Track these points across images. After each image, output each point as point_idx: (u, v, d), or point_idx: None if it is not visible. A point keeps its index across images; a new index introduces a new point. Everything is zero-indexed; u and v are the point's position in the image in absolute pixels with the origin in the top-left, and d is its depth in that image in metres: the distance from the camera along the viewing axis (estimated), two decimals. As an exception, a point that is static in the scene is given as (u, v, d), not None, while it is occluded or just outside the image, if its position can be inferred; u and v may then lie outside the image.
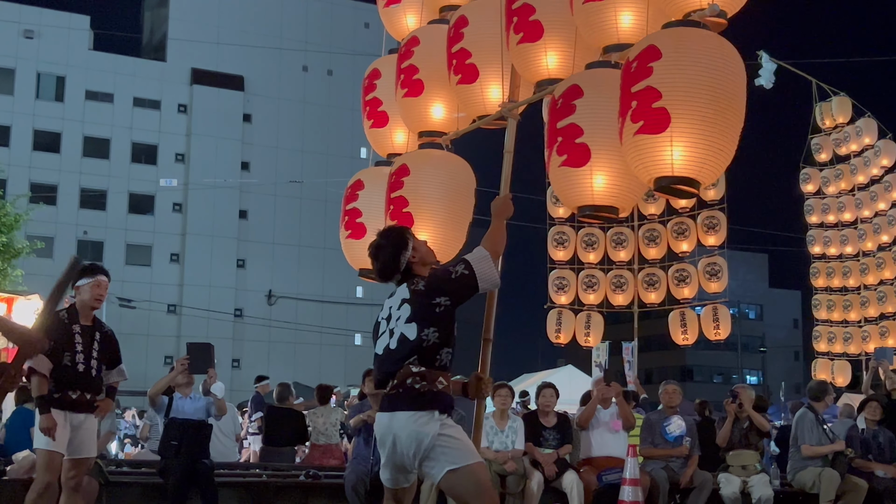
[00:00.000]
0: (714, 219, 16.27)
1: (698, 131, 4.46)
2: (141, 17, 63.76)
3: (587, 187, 5.03)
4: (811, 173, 20.32)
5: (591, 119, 4.96)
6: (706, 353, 69.21)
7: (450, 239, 6.05)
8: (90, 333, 6.79)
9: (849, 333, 19.65)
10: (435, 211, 5.99)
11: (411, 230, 5.08)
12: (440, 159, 6.21)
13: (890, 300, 18.96)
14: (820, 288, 20.26)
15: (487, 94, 5.96)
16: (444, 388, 4.56)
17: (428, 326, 4.56)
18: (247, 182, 54.27)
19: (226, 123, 55.76)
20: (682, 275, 16.36)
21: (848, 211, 19.86)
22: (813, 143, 20.31)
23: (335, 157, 57.95)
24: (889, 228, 19.06)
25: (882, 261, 19.15)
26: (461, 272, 4.64)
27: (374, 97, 6.80)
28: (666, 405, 9.86)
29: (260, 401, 15.02)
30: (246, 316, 55.01)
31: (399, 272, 4.84)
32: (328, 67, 59.69)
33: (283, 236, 56.78)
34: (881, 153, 19.09)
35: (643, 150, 4.56)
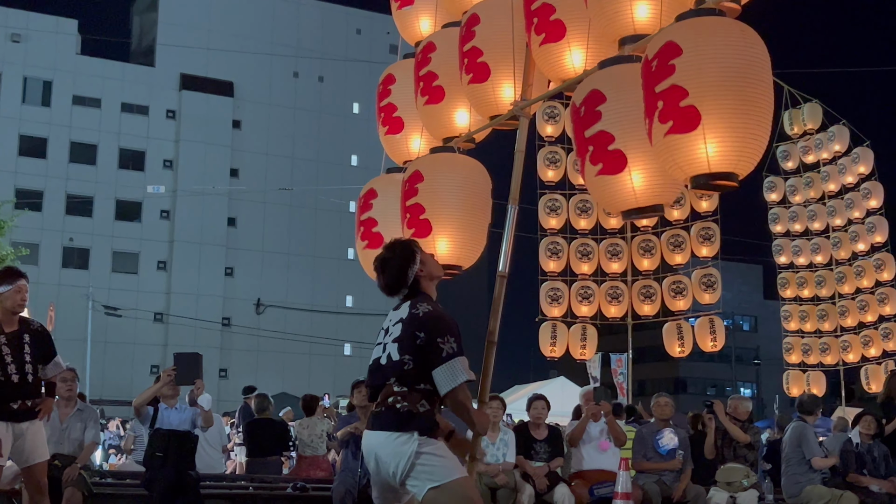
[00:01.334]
0: (709, 230, 16.32)
1: (730, 124, 4.36)
2: (130, 21, 63.78)
3: (628, 191, 4.91)
4: (776, 182, 20.31)
5: (620, 123, 4.86)
6: (700, 365, 69.26)
7: (469, 242, 5.99)
8: (18, 338, 6.69)
9: (825, 344, 19.61)
10: (453, 216, 5.91)
11: (418, 243, 5.02)
12: (453, 162, 6.16)
13: (872, 309, 18.94)
14: (789, 298, 20.22)
15: (500, 94, 5.91)
16: (425, 410, 4.53)
17: (406, 354, 4.54)
18: (236, 189, 54.25)
19: (215, 129, 55.72)
20: (678, 286, 16.38)
21: (818, 220, 19.85)
22: (779, 150, 20.27)
23: (326, 165, 57.95)
24: (868, 236, 19.07)
25: (862, 269, 19.14)
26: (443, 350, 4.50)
27: (389, 103, 6.78)
28: (658, 418, 9.84)
29: (248, 412, 14.98)
30: (234, 325, 54.91)
31: (406, 286, 4.80)
32: (319, 74, 59.72)
33: (272, 244, 56.71)
34: (859, 160, 19.15)
35: (676, 150, 4.47)
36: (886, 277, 18.91)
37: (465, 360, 4.53)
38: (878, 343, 18.81)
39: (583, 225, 16.48)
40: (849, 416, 13.77)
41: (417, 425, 4.47)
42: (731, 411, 10.02)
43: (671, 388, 64.84)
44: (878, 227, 19.03)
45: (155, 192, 49.55)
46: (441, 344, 4.48)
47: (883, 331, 18.66)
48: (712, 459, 9.76)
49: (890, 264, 18.88)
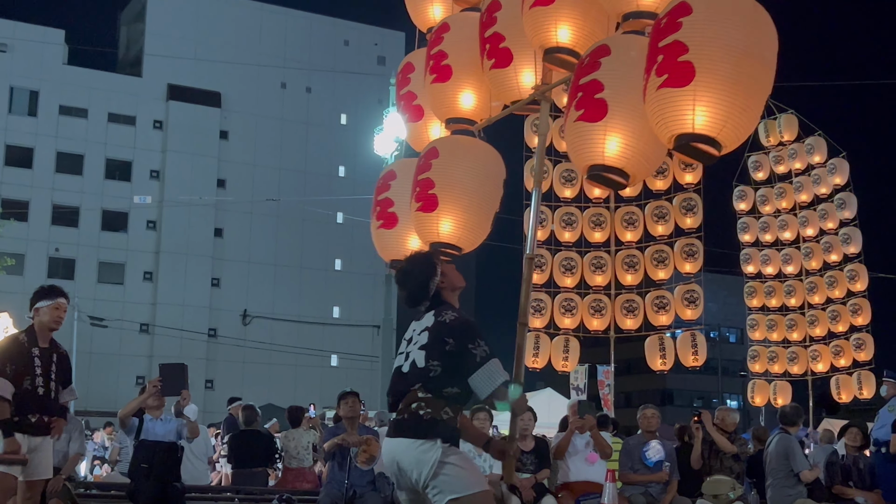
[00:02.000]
0: (693, 246, 16.41)
1: (722, 89, 4.39)
2: (117, 31, 63.74)
3: (599, 145, 4.92)
4: (746, 191, 20.39)
5: (613, 76, 4.91)
6: (686, 377, 69.28)
7: (474, 225, 5.98)
8: (48, 355, 6.78)
9: (794, 353, 19.65)
10: (461, 195, 5.91)
11: (439, 256, 5.08)
12: (471, 145, 6.18)
13: (843, 319, 19.03)
14: (756, 308, 20.26)
15: (521, 79, 5.95)
16: (449, 418, 4.54)
17: (434, 360, 4.56)
18: (223, 200, 54.16)
19: (202, 140, 55.63)
20: (661, 301, 16.44)
21: (789, 230, 19.93)
22: (750, 160, 20.35)
23: (313, 176, 57.91)
24: (842, 247, 19.15)
25: (834, 279, 19.22)
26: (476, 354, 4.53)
27: (409, 91, 6.77)
28: (644, 430, 9.85)
29: (233, 423, 14.93)
30: (220, 336, 54.74)
31: (428, 298, 4.82)
32: (307, 84, 59.73)
33: (258, 255, 56.60)
34: (836, 171, 19.25)
35: (665, 104, 4.50)
36: (859, 288, 19.03)
37: (498, 361, 4.57)
38: (849, 353, 18.92)
39: (567, 237, 16.54)
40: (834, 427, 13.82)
41: (441, 433, 4.48)
42: (718, 422, 10.03)
43: (658, 400, 64.85)
44: (853, 237, 19.18)
45: (141, 202, 49.39)
46: (473, 349, 4.52)
47: (855, 341, 18.76)
48: (698, 470, 9.76)
49: (863, 275, 19.02)
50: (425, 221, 5.93)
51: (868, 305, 19.09)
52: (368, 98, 57.56)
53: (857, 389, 18.82)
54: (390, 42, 62.51)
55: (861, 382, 18.71)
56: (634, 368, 53.71)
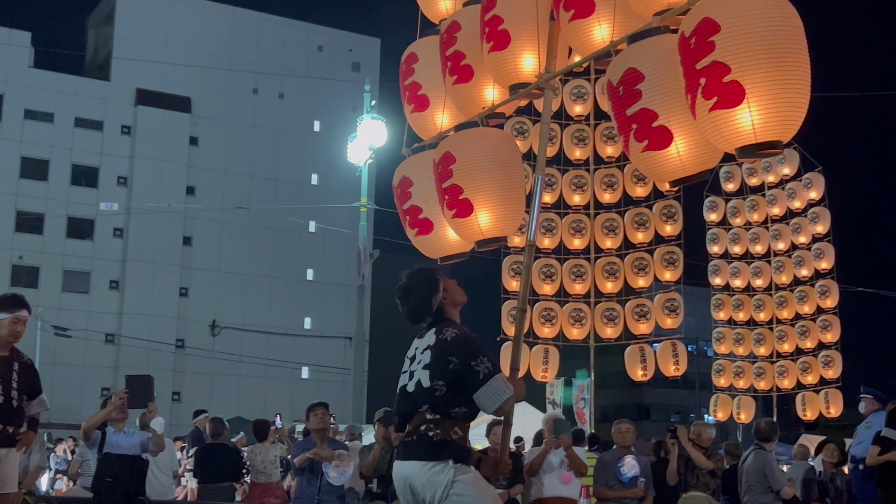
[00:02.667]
0: (673, 254, 16.45)
1: (773, 95, 4.55)
2: (85, 34, 63.36)
3: (675, 163, 5.16)
4: (717, 202, 20.40)
5: (661, 100, 5.05)
6: (664, 391, 69.57)
7: (510, 212, 6.14)
8: (7, 364, 6.68)
9: (761, 368, 19.69)
10: (490, 190, 6.05)
11: (440, 270, 5.08)
12: (481, 137, 6.27)
13: (812, 335, 19.06)
14: (722, 321, 20.28)
15: (520, 63, 6.04)
16: (458, 438, 4.59)
17: (438, 379, 4.59)
18: (192, 207, 53.90)
19: (171, 146, 55.38)
20: (641, 310, 16.49)
21: (760, 243, 19.97)
22: (722, 171, 20.39)
23: (285, 184, 57.76)
24: (814, 262, 19.19)
25: (805, 294, 19.26)
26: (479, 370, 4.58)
27: (413, 81, 6.85)
28: (619, 444, 9.86)
29: (198, 436, 14.86)
30: (188, 347, 54.45)
31: (430, 315, 4.84)
32: (279, 90, 59.62)
33: (228, 264, 56.36)
34: (811, 185, 19.31)
35: (722, 124, 4.66)
36: (830, 304, 19.09)
37: (503, 375, 4.62)
38: (816, 370, 18.96)
39: (546, 244, 16.54)
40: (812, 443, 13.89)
41: (452, 453, 4.52)
42: (694, 437, 10.05)
43: (634, 414, 65.01)
44: (825, 253, 19.24)
45: (108, 209, 49.13)
46: (476, 366, 4.56)
47: (823, 358, 18.82)
48: (674, 486, 9.78)
49: (834, 291, 19.09)
50: (465, 225, 6.11)
51: (838, 322, 19.16)
52: (342, 105, 57.53)
53: (824, 407, 18.86)
54: (365, 48, 62.50)
55: (828, 400, 18.76)
56: (611, 381, 53.89)
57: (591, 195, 16.78)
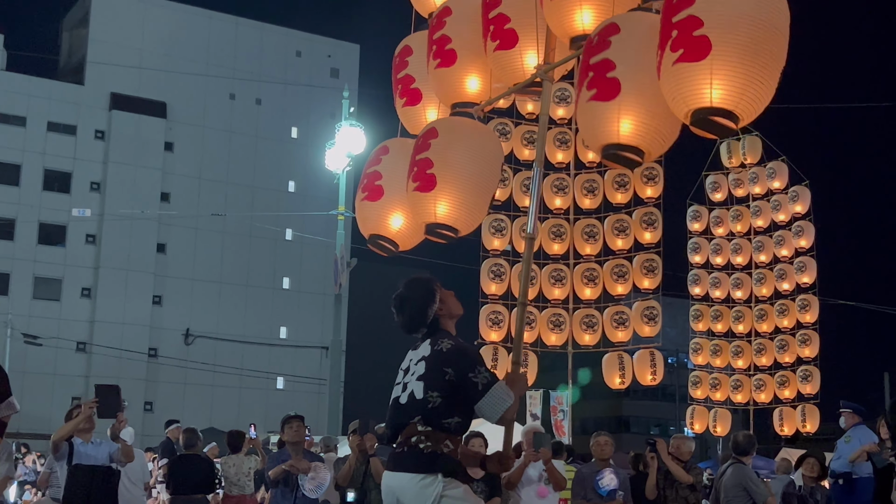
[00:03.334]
0: (652, 262, 16.53)
1: (739, 61, 4.53)
2: (59, 37, 63.09)
3: (613, 124, 5.05)
4: (700, 211, 20.40)
5: (625, 54, 5.04)
6: (643, 404, 69.74)
7: (471, 206, 6.05)
8: None
9: (738, 381, 19.71)
10: (460, 175, 5.99)
11: (438, 281, 5.09)
12: (470, 127, 6.26)
13: (791, 349, 19.10)
14: (701, 331, 20.25)
15: (525, 60, 6.03)
16: (449, 451, 4.58)
17: (433, 390, 4.58)
18: (166, 214, 53.67)
19: (145, 151, 55.18)
20: (620, 317, 16.54)
21: (742, 254, 20.01)
22: (708, 180, 20.39)
23: (262, 191, 57.65)
24: (795, 276, 19.25)
25: (785, 308, 19.31)
26: (477, 381, 4.59)
27: (406, 74, 6.85)
28: (598, 457, 9.87)
29: (170, 446, 14.80)
30: (161, 356, 54.18)
31: (426, 325, 4.84)
32: (256, 96, 59.52)
33: (203, 272, 56.16)
34: (797, 199, 19.36)
35: (682, 79, 4.63)
36: (809, 319, 19.15)
37: (502, 383, 4.63)
38: (794, 385, 19.01)
39: None
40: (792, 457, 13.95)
41: (442, 467, 4.52)
42: (673, 451, 10.07)
43: (614, 426, 65.13)
44: (808, 267, 19.32)
45: (81, 215, 48.82)
46: (474, 378, 4.56)
47: (802, 373, 18.87)
48: (653, 500, 9.80)
49: (815, 306, 19.17)
50: (422, 201, 6.00)
51: (817, 337, 19.22)
52: (321, 111, 57.51)
53: (801, 422, 18.91)
54: (344, 54, 62.49)
55: (805, 415, 18.80)
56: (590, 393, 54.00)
57: (571, 200, 16.82)
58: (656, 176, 16.83)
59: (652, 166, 16.87)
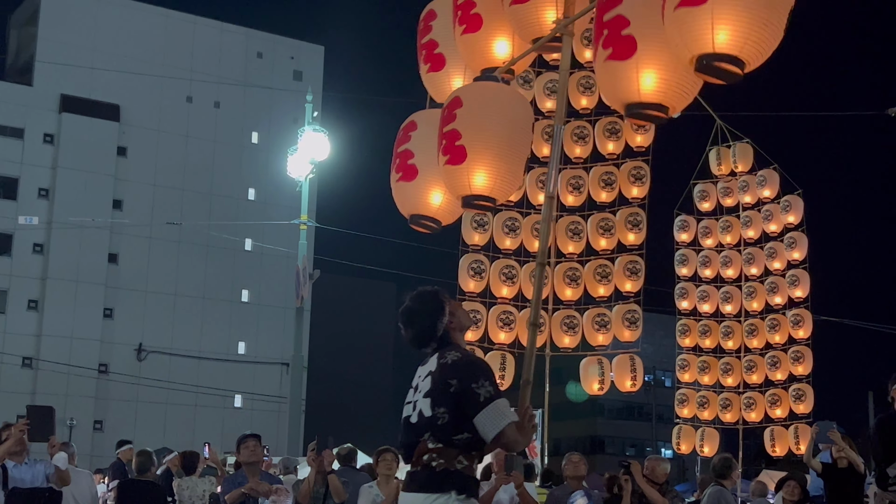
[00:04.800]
0: (636, 264, 16.48)
1: (742, 4, 4.57)
2: (6, 35, 62.66)
3: (633, 83, 5.13)
4: (688, 221, 20.27)
5: (638, 10, 5.08)
6: (618, 423, 69.97)
7: (506, 173, 6.08)
8: None
9: (727, 399, 19.60)
10: (490, 143, 6.01)
11: (446, 293, 5.07)
12: (495, 91, 6.27)
13: (783, 366, 19.03)
14: (688, 347, 20.10)
15: (543, 14, 6.09)
16: (463, 467, 4.61)
17: (440, 406, 4.60)
18: (118, 222, 53.39)
19: (97, 157, 54.84)
20: (602, 320, 16.47)
21: (732, 267, 19.86)
22: (697, 189, 20.27)
23: (220, 199, 57.47)
24: (788, 290, 19.16)
25: (777, 323, 19.20)
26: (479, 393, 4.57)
27: (431, 39, 6.93)
28: (570, 476, 9.87)
29: (121, 468, 14.67)
30: (112, 372, 53.79)
31: (435, 339, 4.84)
32: (215, 99, 59.35)
33: (157, 284, 55.85)
34: (790, 209, 19.27)
35: (683, 24, 4.67)
36: (802, 335, 19.05)
37: (505, 401, 4.61)
38: (786, 403, 18.92)
39: (508, 244, 16.43)
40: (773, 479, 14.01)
41: (455, 484, 4.56)
42: (647, 473, 10.09)
43: (588, 447, 65.31)
44: (801, 280, 19.18)
45: (28, 223, 48.45)
46: (476, 389, 4.56)
47: (794, 391, 18.81)
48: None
49: (808, 321, 19.03)
50: (455, 175, 6.05)
51: (810, 354, 19.04)
52: (282, 116, 57.40)
53: (794, 443, 18.81)
54: (308, 56, 62.45)
55: (798, 436, 18.67)
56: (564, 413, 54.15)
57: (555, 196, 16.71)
58: (644, 176, 16.80)
59: (639, 165, 16.83)
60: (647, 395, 65.45)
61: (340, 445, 11.20)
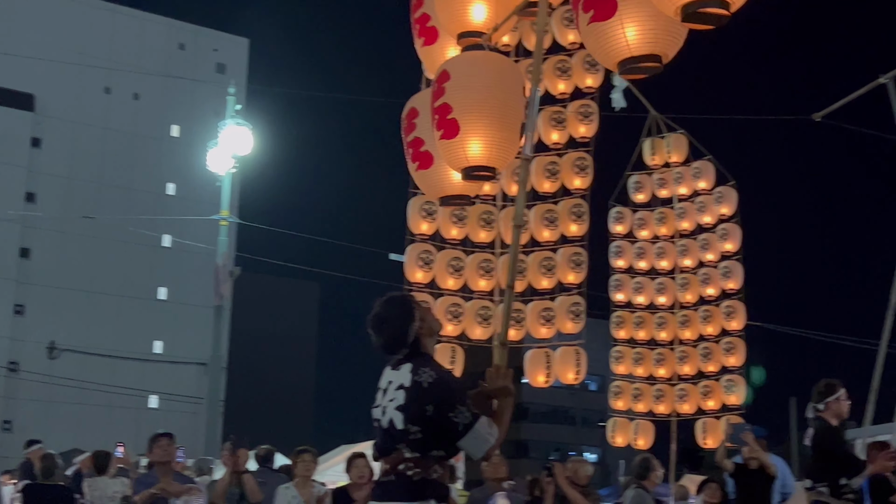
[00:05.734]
0: (579, 256, 16.63)
1: None
2: (-86, 18, 61.39)
3: (621, 40, 5.23)
4: (624, 213, 20.55)
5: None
6: (543, 427, 70.47)
7: (502, 140, 6.14)
8: None
9: (660, 391, 19.91)
10: (482, 112, 6.07)
11: (415, 297, 5.16)
12: (482, 59, 6.35)
13: (715, 358, 19.39)
14: (623, 339, 20.39)
15: None
16: (439, 476, 4.66)
17: (413, 424, 4.65)
18: (31, 215, 52.55)
19: (10, 147, 54.09)
20: (548, 314, 16.60)
21: (667, 258, 20.21)
22: (632, 180, 20.56)
23: (138, 193, 56.90)
24: (720, 281, 19.55)
25: (709, 314, 19.57)
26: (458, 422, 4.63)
27: (423, 13, 7.04)
28: (489, 478, 9.96)
29: (30, 469, 14.49)
30: (22, 371, 53.01)
31: (406, 346, 4.86)
32: (135, 91, 58.85)
33: (71, 280, 55.20)
34: (723, 200, 19.62)
35: None
36: (735, 326, 19.39)
37: (484, 420, 4.68)
38: (718, 395, 19.26)
39: (454, 234, 16.41)
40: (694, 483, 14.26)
41: (434, 493, 4.63)
42: (570, 475, 10.22)
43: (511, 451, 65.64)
44: (733, 271, 19.52)
45: (-66, 215, 47.63)
46: (454, 418, 4.62)
47: (726, 383, 19.15)
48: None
49: (741, 312, 19.38)
50: (451, 148, 6.14)
51: (743, 345, 19.35)
52: (204, 109, 56.89)
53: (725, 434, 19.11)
54: (231, 48, 62.07)
55: None
56: (488, 417, 54.41)
57: (499, 187, 16.70)
58: (587, 167, 16.92)
59: (582, 156, 16.93)
60: (572, 398, 66.08)
61: (259, 446, 11.20)
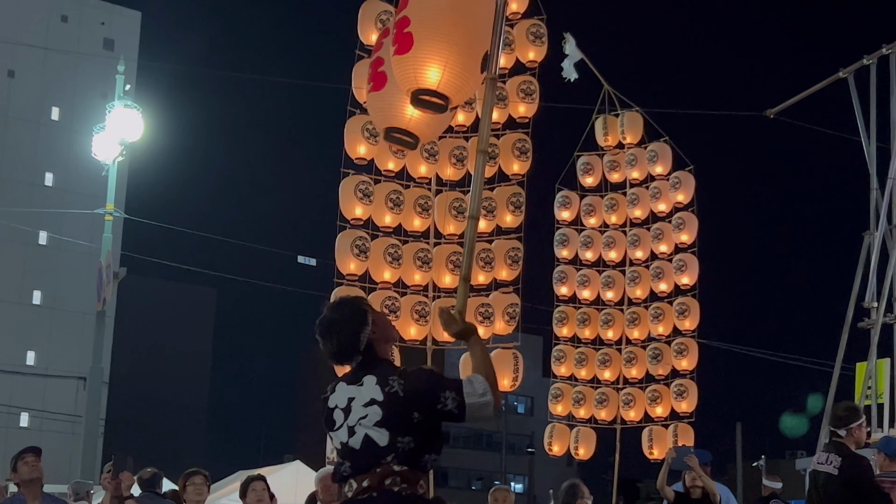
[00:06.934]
0: (517, 250, 16.62)
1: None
2: None
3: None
4: (570, 197, 20.35)
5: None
6: (465, 454, 70.73)
7: (460, 68, 6.13)
8: None
9: (603, 395, 19.87)
10: (441, 29, 6.08)
11: (368, 301, 5.19)
12: None
13: (665, 360, 19.40)
14: (565, 337, 20.26)
15: None
16: (424, 491, 4.73)
17: (403, 435, 4.67)
18: None
19: None
20: (487, 311, 16.58)
21: (616, 249, 20.08)
22: (581, 161, 20.41)
23: (12, 184, 56.32)
24: (674, 276, 19.52)
25: (661, 312, 19.54)
26: (450, 408, 4.71)
27: None
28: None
29: None
30: None
31: (359, 353, 4.88)
32: (9, 67, 58.52)
33: (-68, 280, 54.43)
34: (680, 186, 19.49)
35: None
36: (688, 326, 19.37)
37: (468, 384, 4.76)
38: (667, 401, 19.31)
39: (388, 221, 16.28)
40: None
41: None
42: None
43: (430, 479, 65.79)
44: (688, 265, 19.47)
45: None
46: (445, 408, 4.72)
47: (676, 388, 19.19)
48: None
49: (694, 311, 19.36)
50: (402, 65, 6.18)
51: (696, 347, 19.35)
52: (89, 89, 56.54)
53: (673, 444, 19.15)
54: (121, 22, 61.63)
55: (678, 436, 19.02)
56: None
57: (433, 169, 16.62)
58: (527, 150, 16.88)
59: (523, 137, 16.88)
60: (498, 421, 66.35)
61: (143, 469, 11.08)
